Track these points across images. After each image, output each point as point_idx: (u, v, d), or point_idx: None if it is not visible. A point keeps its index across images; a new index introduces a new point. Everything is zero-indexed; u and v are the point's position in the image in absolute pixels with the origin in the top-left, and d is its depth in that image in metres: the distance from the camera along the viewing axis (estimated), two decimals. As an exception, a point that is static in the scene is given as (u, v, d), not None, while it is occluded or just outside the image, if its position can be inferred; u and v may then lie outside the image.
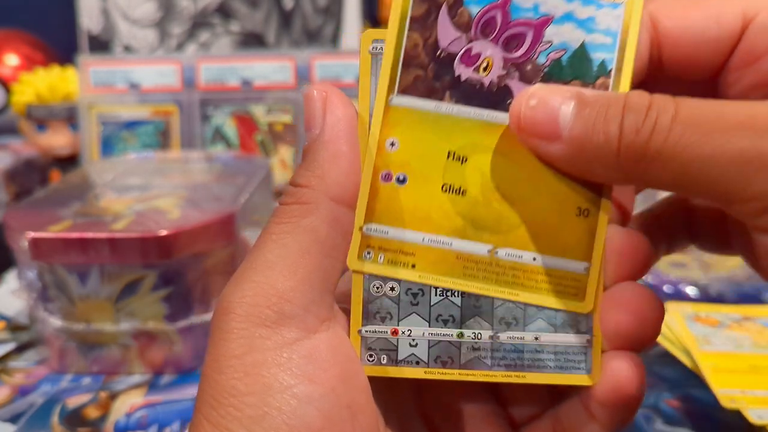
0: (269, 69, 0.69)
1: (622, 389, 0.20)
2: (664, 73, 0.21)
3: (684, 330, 0.40)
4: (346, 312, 0.22)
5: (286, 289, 0.19)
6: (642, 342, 0.20)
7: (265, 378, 0.18)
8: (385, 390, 0.22)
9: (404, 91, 0.21)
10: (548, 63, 0.20)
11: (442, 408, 0.24)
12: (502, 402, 0.24)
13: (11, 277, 0.54)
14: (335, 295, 0.21)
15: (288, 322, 0.19)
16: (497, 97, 0.21)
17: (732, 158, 0.17)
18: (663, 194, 0.26)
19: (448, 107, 0.21)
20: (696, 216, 0.25)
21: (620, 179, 0.19)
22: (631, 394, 0.20)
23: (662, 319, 0.20)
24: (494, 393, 0.24)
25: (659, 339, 0.40)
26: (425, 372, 0.21)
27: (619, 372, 0.20)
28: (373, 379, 0.21)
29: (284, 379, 0.18)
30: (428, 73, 0.21)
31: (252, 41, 0.83)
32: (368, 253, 0.21)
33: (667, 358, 0.39)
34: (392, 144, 0.21)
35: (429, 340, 0.21)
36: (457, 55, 0.21)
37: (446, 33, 0.21)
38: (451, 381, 0.22)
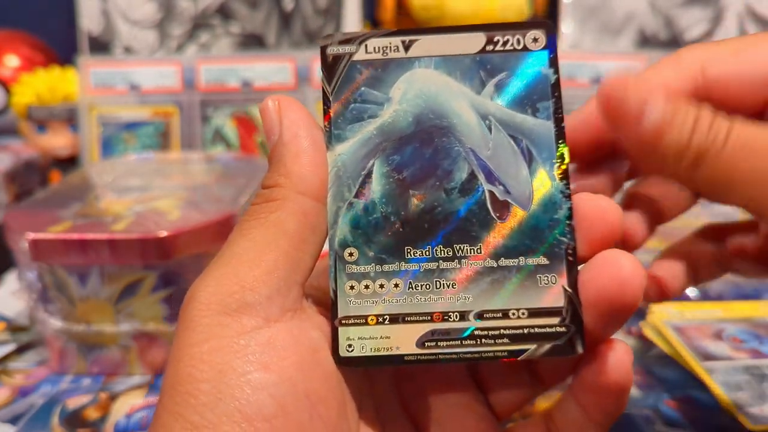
0: (269, 70, 0.69)
1: (608, 373, 0.20)
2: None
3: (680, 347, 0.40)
4: (325, 305, 0.21)
5: (249, 278, 0.19)
6: (623, 306, 0.20)
7: (220, 365, 0.18)
8: (362, 380, 0.22)
9: None
10: None
11: (422, 397, 0.23)
12: (485, 391, 0.23)
13: (11, 278, 0.54)
14: (313, 288, 0.21)
15: (249, 311, 0.19)
16: None
17: None
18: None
19: None
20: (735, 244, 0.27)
21: (676, 177, 0.21)
22: (617, 379, 0.20)
23: (643, 281, 0.20)
24: (476, 381, 0.23)
25: (658, 341, 0.40)
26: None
27: (612, 357, 0.20)
28: (349, 369, 0.21)
29: (239, 365, 0.18)
30: None
31: (252, 42, 0.83)
32: None
33: (667, 359, 0.39)
34: None
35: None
36: None
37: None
38: (431, 368, 0.21)
